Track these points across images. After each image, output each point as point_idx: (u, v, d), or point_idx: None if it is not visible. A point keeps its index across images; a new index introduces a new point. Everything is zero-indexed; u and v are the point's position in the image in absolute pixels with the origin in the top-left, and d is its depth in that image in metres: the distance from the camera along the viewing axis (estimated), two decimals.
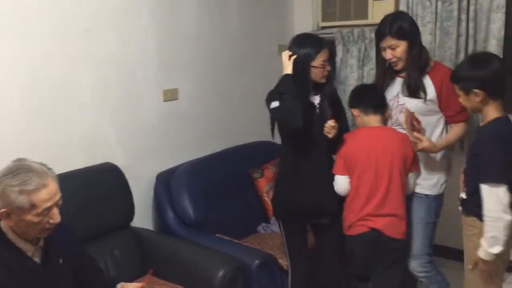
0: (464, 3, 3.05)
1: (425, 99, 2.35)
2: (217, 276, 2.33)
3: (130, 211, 2.67)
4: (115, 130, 2.76)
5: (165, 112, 3.02)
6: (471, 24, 3.06)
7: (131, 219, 2.70)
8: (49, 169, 1.69)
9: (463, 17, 3.08)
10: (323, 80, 2.36)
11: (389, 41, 2.32)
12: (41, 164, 1.69)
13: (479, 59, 2.05)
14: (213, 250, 2.52)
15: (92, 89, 2.62)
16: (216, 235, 2.80)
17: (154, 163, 2.96)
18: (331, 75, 2.44)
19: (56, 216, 1.68)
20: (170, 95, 3.04)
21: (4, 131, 2.28)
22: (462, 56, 3.12)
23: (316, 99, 2.40)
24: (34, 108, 2.39)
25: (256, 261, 2.48)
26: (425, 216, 2.46)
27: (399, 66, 2.38)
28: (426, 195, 2.45)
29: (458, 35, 3.11)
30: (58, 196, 1.68)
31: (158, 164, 2.97)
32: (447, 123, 2.44)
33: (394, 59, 2.35)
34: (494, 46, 2.98)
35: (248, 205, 3.16)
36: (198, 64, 3.20)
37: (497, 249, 1.92)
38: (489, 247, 1.93)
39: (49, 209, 1.64)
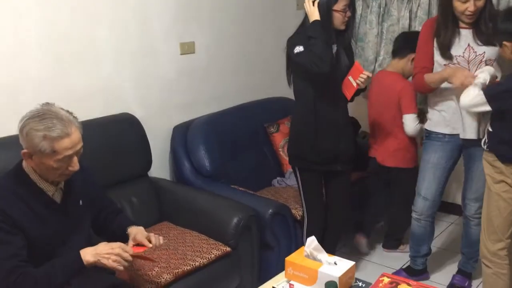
0: None
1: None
2: (232, 223, 2.39)
3: (147, 160, 2.73)
4: (133, 82, 2.79)
5: (182, 65, 3.04)
6: None
7: (149, 169, 2.77)
8: (75, 117, 1.72)
9: None
10: (343, 27, 2.38)
11: None
12: (67, 112, 1.72)
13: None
14: (228, 199, 2.58)
15: (109, 40, 2.65)
16: (231, 186, 2.86)
17: (171, 115, 3.00)
18: (351, 24, 2.43)
19: (75, 165, 1.72)
20: (187, 48, 3.05)
21: (24, 82, 2.33)
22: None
23: (333, 48, 2.41)
24: (53, 59, 2.43)
25: (270, 210, 2.53)
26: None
27: (474, 18, 2.29)
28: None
29: None
30: (79, 145, 1.72)
31: (175, 117, 3.02)
32: None
33: (476, 11, 2.26)
34: None
35: (264, 159, 3.20)
36: (215, 17, 3.19)
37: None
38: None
39: (69, 157, 1.68)
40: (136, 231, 1.90)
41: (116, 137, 2.56)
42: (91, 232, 1.99)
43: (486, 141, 2.21)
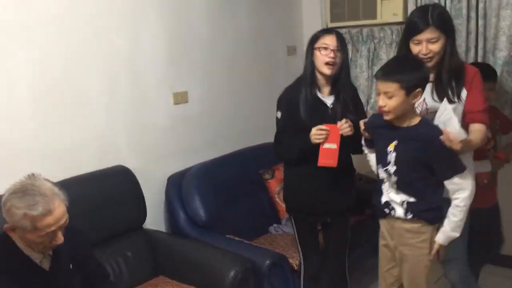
0: (473, 1, 3.04)
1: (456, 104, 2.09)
2: (229, 276, 2.34)
3: (142, 213, 2.70)
4: (125, 133, 2.79)
5: (176, 115, 3.05)
6: (480, 22, 3.04)
7: (143, 221, 2.73)
8: (60, 190, 1.68)
9: (472, 14, 3.06)
10: (327, 71, 2.27)
11: (430, 34, 2.02)
12: (53, 184, 1.68)
13: (412, 60, 2.02)
14: (224, 250, 2.54)
15: (102, 92, 2.65)
16: (227, 235, 2.82)
17: (165, 165, 2.99)
18: (344, 70, 2.32)
19: (59, 239, 1.67)
20: (180, 98, 3.07)
21: (16, 136, 2.32)
22: (472, 54, 3.11)
23: (330, 99, 2.34)
24: (45, 112, 2.42)
25: (267, 261, 2.49)
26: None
27: (432, 63, 2.08)
28: None
29: (468, 33, 3.10)
30: (63, 219, 1.66)
31: (169, 167, 3.00)
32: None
33: (431, 55, 2.05)
34: (504, 43, 2.97)
35: (259, 206, 3.18)
36: (208, 66, 3.23)
37: (459, 231, 2.00)
38: (453, 231, 2.00)
39: (52, 232, 1.64)
40: None
41: (109, 191, 2.53)
42: None
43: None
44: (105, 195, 2.51)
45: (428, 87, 2.11)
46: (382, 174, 2.05)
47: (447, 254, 2.28)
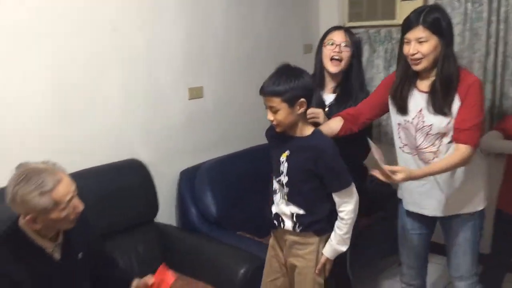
0: (495, 4, 3.01)
1: (451, 117, 2.01)
2: (239, 273, 2.34)
3: (154, 207, 2.70)
4: (140, 127, 2.79)
5: (190, 110, 3.05)
6: (501, 26, 3.00)
7: (155, 215, 2.74)
8: (54, 164, 1.69)
9: (493, 18, 3.03)
10: (332, 69, 2.23)
11: (418, 32, 1.93)
12: (44, 162, 1.69)
13: (292, 70, 1.94)
14: (235, 247, 2.53)
15: (118, 87, 2.66)
16: (238, 232, 2.82)
17: (178, 160, 2.99)
18: (354, 70, 2.27)
19: (79, 204, 1.71)
20: (195, 93, 3.07)
21: (30, 127, 2.33)
22: (492, 58, 3.07)
23: (329, 98, 2.30)
24: (61, 105, 2.43)
25: None
26: (471, 236, 2.22)
27: (420, 66, 1.98)
28: (471, 214, 2.19)
29: (488, 37, 3.07)
30: (74, 185, 1.70)
31: (182, 162, 3.00)
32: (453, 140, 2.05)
33: (418, 56, 1.96)
34: None
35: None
36: (224, 62, 3.22)
37: (345, 245, 1.97)
38: (339, 245, 1.96)
39: (70, 200, 1.67)
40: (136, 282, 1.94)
41: (122, 184, 2.54)
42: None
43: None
44: (118, 187, 2.51)
45: (424, 98, 2.05)
46: (275, 185, 2.04)
47: (458, 271, 2.27)
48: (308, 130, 1.95)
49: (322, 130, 2.07)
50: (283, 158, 1.97)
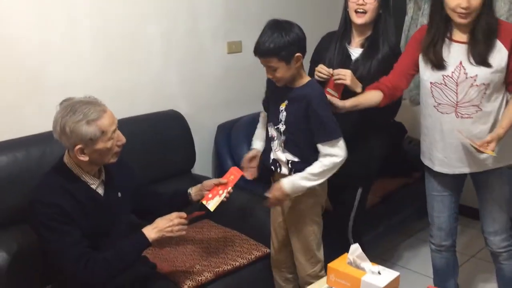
0: None
1: (494, 66, 1.97)
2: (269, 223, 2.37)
3: (191, 157, 2.76)
4: (180, 79, 2.83)
5: (229, 64, 3.06)
6: None
7: (192, 166, 2.80)
8: (96, 98, 1.77)
9: None
10: (357, 21, 2.16)
11: None
12: (87, 96, 1.76)
13: (282, 26, 1.93)
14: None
15: (159, 38, 2.69)
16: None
17: (216, 113, 3.03)
18: (381, 22, 2.17)
19: (122, 137, 1.79)
20: (234, 48, 3.06)
21: (74, 76, 2.39)
22: None
23: (356, 52, 2.23)
24: (104, 55, 2.49)
25: None
26: (508, 190, 2.20)
27: (467, 19, 1.92)
28: (509, 167, 2.16)
29: None
30: (116, 118, 1.78)
31: (220, 115, 3.04)
32: (509, 92, 2.07)
33: (469, 10, 1.89)
34: None
35: None
36: (264, 16, 3.13)
37: (307, 183, 1.99)
38: (302, 180, 1.98)
39: (114, 131, 1.74)
40: (200, 185, 2.10)
41: (162, 133, 2.60)
42: (131, 220, 2.02)
43: None
44: (158, 137, 2.58)
45: (463, 49, 1.99)
46: (272, 132, 2.08)
47: (493, 226, 2.24)
48: (304, 80, 2.01)
49: (360, 102, 2.09)
50: (282, 107, 2.04)
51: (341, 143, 1.98)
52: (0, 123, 2.19)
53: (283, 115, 2.03)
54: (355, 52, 2.24)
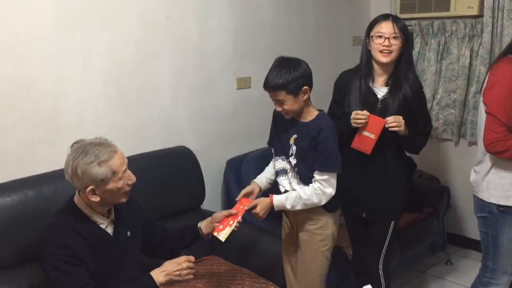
0: None
1: None
2: (282, 263, 2.35)
3: (201, 193, 2.76)
4: (189, 115, 2.86)
5: (238, 99, 3.09)
6: None
7: (202, 202, 2.80)
8: (106, 140, 1.80)
9: None
10: (383, 60, 2.17)
11: None
12: (97, 138, 1.79)
13: (290, 62, 2.03)
14: (278, 236, 2.54)
15: (169, 75, 2.73)
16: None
17: (225, 149, 3.04)
18: (404, 59, 2.19)
19: (132, 176, 1.80)
20: (243, 83, 3.10)
21: (86, 114, 2.43)
22: None
23: (382, 91, 2.23)
24: (115, 94, 2.53)
25: None
26: None
27: None
28: None
29: None
30: (126, 158, 1.80)
31: (229, 150, 3.05)
32: None
33: None
34: None
35: None
36: (272, 53, 3.18)
37: (291, 206, 2.06)
38: (288, 201, 2.05)
39: (125, 171, 1.77)
40: (211, 218, 2.12)
41: (172, 170, 2.61)
42: (141, 259, 2.02)
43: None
44: (167, 173, 2.59)
45: None
46: (285, 165, 2.13)
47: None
48: (313, 114, 2.08)
49: None
50: (291, 141, 2.09)
51: (335, 178, 2.05)
52: (13, 162, 2.22)
53: (293, 149, 2.08)
54: (381, 91, 2.24)
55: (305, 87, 2.01)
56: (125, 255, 1.88)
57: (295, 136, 2.08)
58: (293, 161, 2.08)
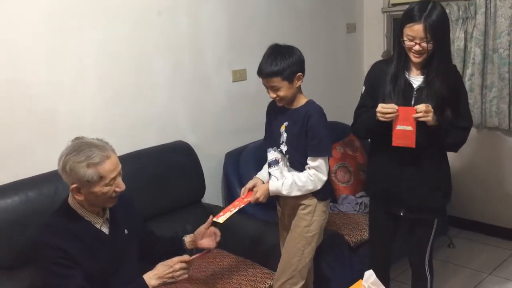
0: None
1: None
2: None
3: (201, 187, 2.77)
4: (186, 109, 2.86)
5: (234, 92, 3.09)
6: None
7: (202, 195, 2.81)
8: (106, 143, 1.79)
9: None
10: (415, 60, 2.04)
11: None
12: (98, 139, 1.79)
13: (284, 49, 2.08)
14: (277, 224, 2.56)
15: (164, 70, 2.73)
16: None
17: (224, 142, 3.05)
18: (439, 53, 2.01)
19: (121, 185, 1.79)
20: (239, 76, 3.10)
21: (82, 111, 2.43)
22: None
23: (417, 80, 2.10)
24: (111, 92, 2.53)
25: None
26: None
27: None
28: None
29: None
30: (120, 166, 1.79)
31: (227, 144, 3.05)
32: None
33: None
34: None
35: None
36: (266, 43, 3.16)
37: (287, 193, 2.10)
38: (284, 187, 2.09)
39: (114, 178, 1.75)
40: (193, 235, 2.12)
41: (171, 165, 2.62)
42: (140, 257, 2.02)
43: None
44: (167, 169, 2.59)
45: None
46: (276, 155, 2.15)
47: None
48: (303, 101, 2.12)
49: None
50: (282, 129, 2.13)
51: (327, 162, 2.09)
52: (13, 164, 2.22)
53: (284, 137, 2.13)
54: (416, 80, 2.11)
55: (299, 73, 2.05)
56: (124, 254, 1.88)
57: (286, 123, 2.13)
58: (284, 148, 2.13)
